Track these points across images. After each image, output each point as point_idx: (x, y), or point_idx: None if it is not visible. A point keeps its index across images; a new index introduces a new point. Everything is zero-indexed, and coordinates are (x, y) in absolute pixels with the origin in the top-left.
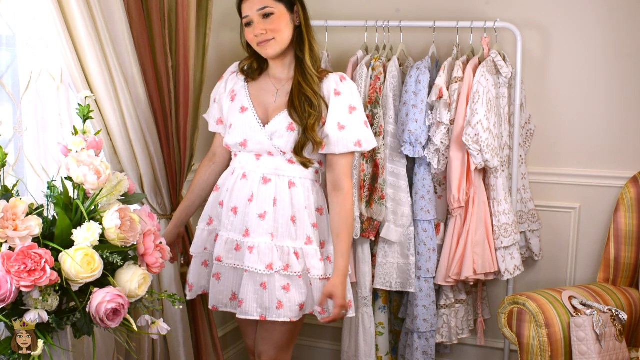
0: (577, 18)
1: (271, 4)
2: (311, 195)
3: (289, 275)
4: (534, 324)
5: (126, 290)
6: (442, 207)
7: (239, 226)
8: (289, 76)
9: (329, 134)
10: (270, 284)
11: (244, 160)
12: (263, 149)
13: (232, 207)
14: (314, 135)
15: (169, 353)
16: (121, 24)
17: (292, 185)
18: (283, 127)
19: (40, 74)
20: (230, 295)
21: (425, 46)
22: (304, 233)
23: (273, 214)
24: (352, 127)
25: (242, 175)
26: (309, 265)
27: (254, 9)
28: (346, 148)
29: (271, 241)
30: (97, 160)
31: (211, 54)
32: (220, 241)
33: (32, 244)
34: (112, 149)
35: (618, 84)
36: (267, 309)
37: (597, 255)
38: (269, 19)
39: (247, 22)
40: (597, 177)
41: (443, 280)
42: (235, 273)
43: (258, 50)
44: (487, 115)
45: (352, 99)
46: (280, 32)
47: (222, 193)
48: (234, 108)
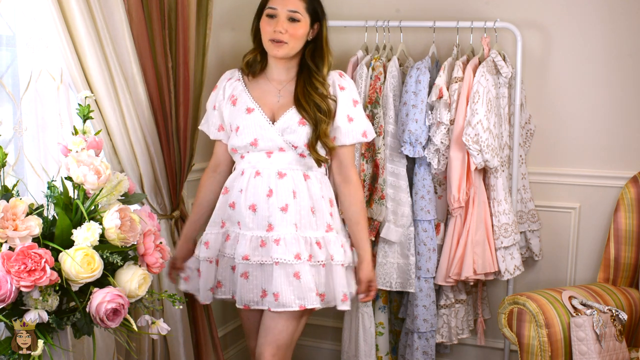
0: (578, 18)
1: (302, 11)
2: (323, 186)
3: (314, 265)
4: (534, 324)
5: (126, 290)
6: (442, 207)
7: (261, 222)
8: (288, 77)
9: (340, 125)
10: (303, 273)
11: (254, 159)
12: (274, 145)
13: (250, 205)
14: (327, 141)
15: (169, 353)
16: (121, 24)
17: (307, 178)
18: (294, 122)
19: (40, 74)
20: (260, 292)
21: (425, 46)
22: (323, 222)
23: (294, 206)
24: (358, 119)
25: (256, 174)
26: (332, 252)
27: (285, 7)
28: (355, 139)
29: (296, 232)
30: (97, 160)
31: (211, 54)
32: (244, 240)
33: (32, 244)
34: (112, 149)
35: (618, 83)
36: (303, 298)
37: (597, 255)
38: (293, 24)
39: (271, 14)
40: (597, 177)
41: (443, 280)
42: (262, 270)
43: (267, 45)
44: (487, 115)
45: (354, 93)
46: (296, 41)
47: (232, 194)
48: (237, 111)
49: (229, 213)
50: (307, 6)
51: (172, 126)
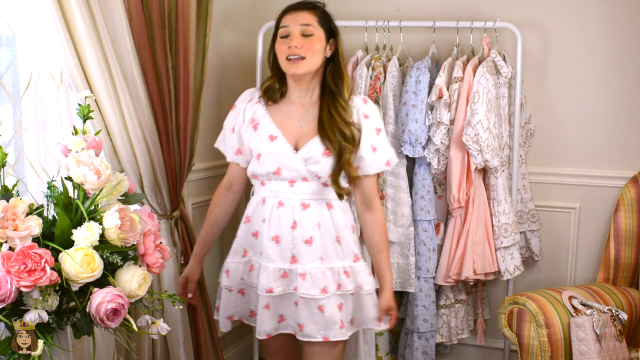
0: (577, 18)
1: (315, 24)
2: (346, 215)
3: (343, 294)
4: (534, 324)
5: (126, 290)
6: (442, 207)
7: (284, 254)
8: (312, 101)
9: (364, 156)
10: (327, 306)
11: (276, 188)
12: (298, 175)
13: (273, 236)
14: (350, 171)
15: (169, 353)
16: (121, 24)
17: (330, 207)
18: (319, 153)
19: (40, 74)
20: (278, 318)
21: (425, 46)
22: (350, 251)
23: (320, 238)
24: (382, 148)
25: (279, 204)
26: (361, 282)
27: (297, 22)
28: (379, 168)
29: (321, 265)
30: (97, 160)
31: (211, 54)
32: (266, 273)
33: (32, 244)
34: (112, 149)
35: (618, 83)
36: (328, 330)
37: (597, 255)
38: (307, 38)
39: (285, 34)
40: (597, 177)
41: (443, 280)
42: (282, 299)
43: (285, 65)
44: (487, 115)
45: (377, 121)
46: (313, 55)
47: (254, 224)
48: (259, 137)
49: (252, 242)
50: (319, 20)
51: (172, 126)
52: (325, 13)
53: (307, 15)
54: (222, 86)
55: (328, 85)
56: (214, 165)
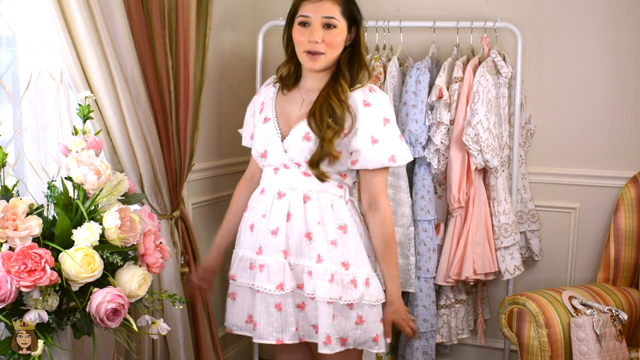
0: (577, 18)
1: (338, 16)
2: (330, 210)
3: (303, 296)
4: (534, 324)
5: (126, 290)
6: (442, 207)
7: (253, 243)
8: (318, 87)
9: (361, 148)
10: (285, 305)
11: (265, 174)
12: (279, 161)
13: (250, 224)
14: (330, 149)
15: (169, 353)
16: (121, 24)
17: (307, 200)
18: (299, 137)
19: (40, 74)
20: (245, 317)
21: (425, 46)
22: (316, 251)
23: (285, 230)
24: (386, 141)
25: (261, 191)
26: (315, 286)
27: (319, 14)
28: (380, 163)
29: (284, 259)
30: (97, 160)
31: (211, 54)
32: (235, 259)
33: (32, 244)
34: (112, 149)
35: (618, 83)
36: (282, 332)
37: (597, 255)
38: (329, 31)
39: (304, 22)
40: (597, 177)
41: (443, 280)
42: (251, 293)
43: (302, 58)
44: (487, 115)
45: (384, 110)
46: (334, 50)
47: None
48: (259, 119)
49: None
50: (342, 10)
51: (172, 126)
52: (348, 1)
53: (329, 6)
54: (222, 86)
55: (340, 70)
56: (214, 165)
